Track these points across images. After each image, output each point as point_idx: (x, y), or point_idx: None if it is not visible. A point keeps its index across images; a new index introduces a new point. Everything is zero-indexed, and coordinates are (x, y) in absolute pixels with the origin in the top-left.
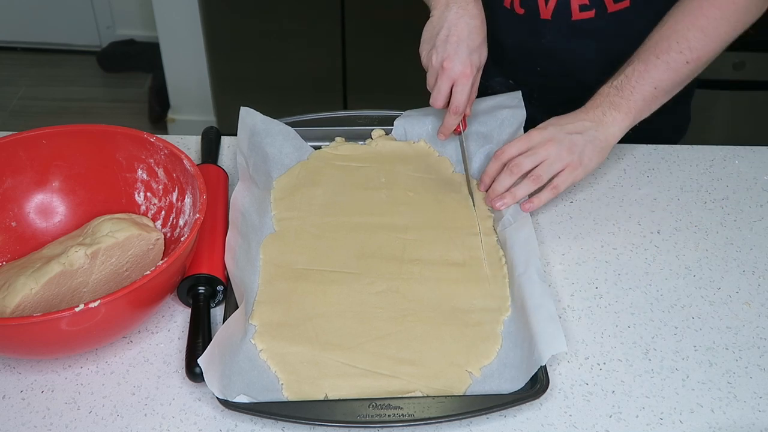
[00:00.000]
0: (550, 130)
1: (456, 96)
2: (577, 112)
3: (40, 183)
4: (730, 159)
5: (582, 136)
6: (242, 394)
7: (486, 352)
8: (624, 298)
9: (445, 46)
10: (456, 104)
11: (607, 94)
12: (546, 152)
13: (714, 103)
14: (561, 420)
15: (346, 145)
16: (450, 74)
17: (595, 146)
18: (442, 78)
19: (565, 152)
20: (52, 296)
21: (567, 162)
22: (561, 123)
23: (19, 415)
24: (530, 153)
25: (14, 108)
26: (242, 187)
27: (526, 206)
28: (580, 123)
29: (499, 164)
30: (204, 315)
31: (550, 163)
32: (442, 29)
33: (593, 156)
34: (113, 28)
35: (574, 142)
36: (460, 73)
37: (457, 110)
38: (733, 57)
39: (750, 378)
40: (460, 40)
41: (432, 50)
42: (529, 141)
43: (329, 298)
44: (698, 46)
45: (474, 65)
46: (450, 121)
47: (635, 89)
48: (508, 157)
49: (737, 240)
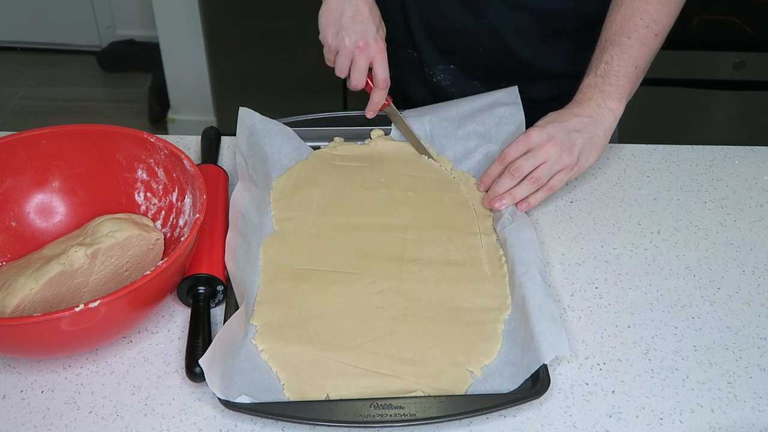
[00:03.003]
0: (549, 129)
1: (380, 71)
2: (572, 107)
3: (40, 183)
4: (730, 159)
5: (581, 134)
6: (243, 395)
7: (487, 352)
8: (624, 298)
9: (355, 26)
10: (383, 79)
11: (594, 85)
12: (546, 154)
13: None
14: (561, 420)
15: (345, 145)
16: (368, 52)
17: (594, 144)
18: (360, 57)
19: (566, 154)
20: (52, 296)
21: (566, 163)
22: (560, 120)
23: (19, 415)
24: (531, 155)
25: (14, 108)
26: (242, 187)
27: (522, 206)
28: (579, 120)
29: (501, 167)
30: (204, 315)
31: (550, 165)
32: (345, 10)
33: (590, 155)
34: (113, 28)
35: (574, 141)
36: (377, 50)
37: (385, 84)
38: (733, 57)
39: (750, 378)
40: (366, 18)
41: (341, 32)
42: (529, 142)
43: (330, 298)
44: (660, 18)
45: (383, 40)
46: (378, 97)
47: (620, 73)
48: (511, 159)
49: (737, 240)
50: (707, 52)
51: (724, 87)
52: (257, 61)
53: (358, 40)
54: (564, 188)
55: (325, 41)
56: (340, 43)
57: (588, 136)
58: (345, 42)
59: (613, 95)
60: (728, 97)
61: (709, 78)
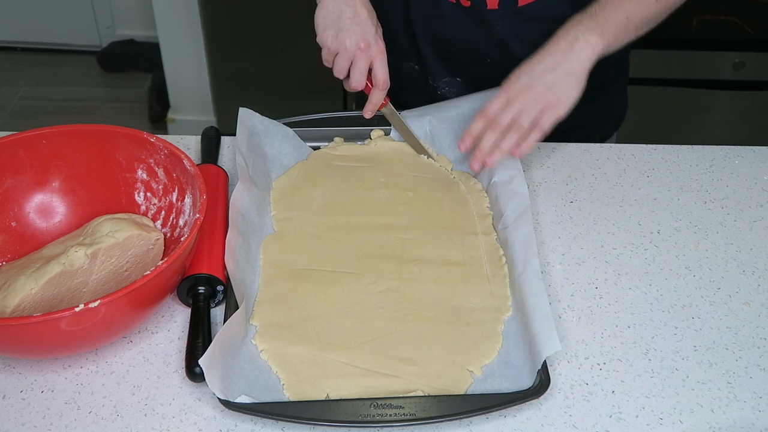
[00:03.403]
0: (523, 79)
1: (380, 72)
2: (546, 46)
3: (40, 183)
4: (730, 159)
5: (555, 72)
6: (243, 395)
7: (487, 351)
8: (624, 298)
9: (354, 27)
10: (383, 79)
11: (580, 21)
12: (521, 103)
13: (714, 103)
14: (561, 420)
15: (345, 145)
16: (369, 53)
17: (570, 78)
18: (360, 58)
19: (541, 95)
20: (52, 296)
21: (544, 103)
22: (531, 66)
23: (19, 415)
24: (509, 107)
25: (14, 108)
26: (242, 187)
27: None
28: (550, 59)
29: (483, 123)
30: (204, 315)
31: (527, 111)
32: (344, 12)
33: (570, 89)
34: (113, 28)
35: (548, 81)
36: (378, 50)
37: (385, 85)
38: (733, 57)
39: (750, 378)
40: (365, 20)
41: (341, 33)
42: (507, 94)
43: (330, 298)
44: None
45: (383, 40)
46: (377, 98)
47: (609, 17)
48: (492, 114)
49: (737, 240)
50: (707, 52)
51: (724, 87)
52: (257, 61)
53: (359, 42)
54: (564, 188)
55: (324, 43)
56: (341, 45)
57: (562, 72)
58: (345, 43)
59: (595, 31)
60: (728, 97)
61: (709, 78)
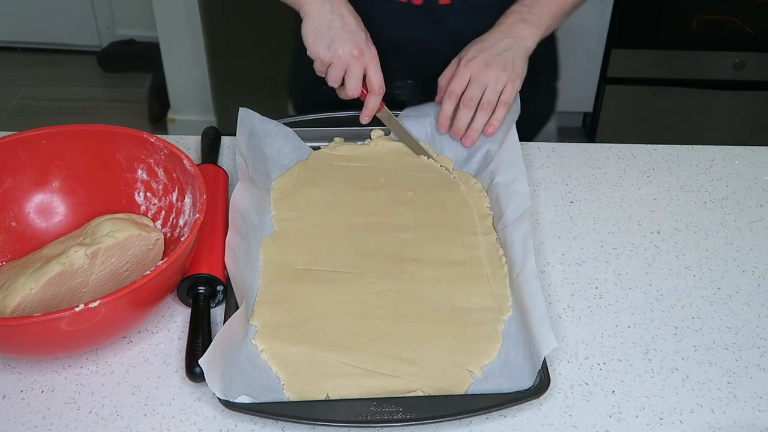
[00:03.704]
0: (481, 56)
1: (374, 77)
2: (493, 32)
3: (40, 183)
4: (730, 159)
5: (510, 51)
6: (243, 395)
7: (487, 351)
8: (624, 298)
9: (346, 36)
10: (379, 84)
11: (519, 12)
12: (487, 78)
13: (714, 103)
14: (561, 420)
15: (345, 145)
16: (362, 60)
17: (521, 58)
18: (355, 66)
19: (502, 72)
20: (52, 296)
21: (506, 79)
22: (486, 46)
23: (19, 415)
24: (475, 83)
25: (14, 108)
26: (242, 187)
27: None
28: (503, 42)
29: (453, 102)
30: (204, 315)
31: (494, 86)
32: (333, 22)
33: (522, 66)
34: (113, 28)
35: (506, 59)
36: (371, 56)
37: (381, 90)
38: (733, 57)
39: (750, 378)
40: (354, 28)
41: (333, 43)
42: (470, 71)
43: (330, 299)
44: None
45: (373, 45)
46: (374, 103)
47: (543, 8)
48: (459, 92)
49: (737, 240)
50: (707, 52)
51: (724, 87)
52: (257, 61)
53: (352, 49)
54: (564, 188)
55: (317, 56)
56: (334, 55)
57: (515, 53)
58: (338, 53)
59: (534, 24)
60: (728, 97)
61: (709, 78)
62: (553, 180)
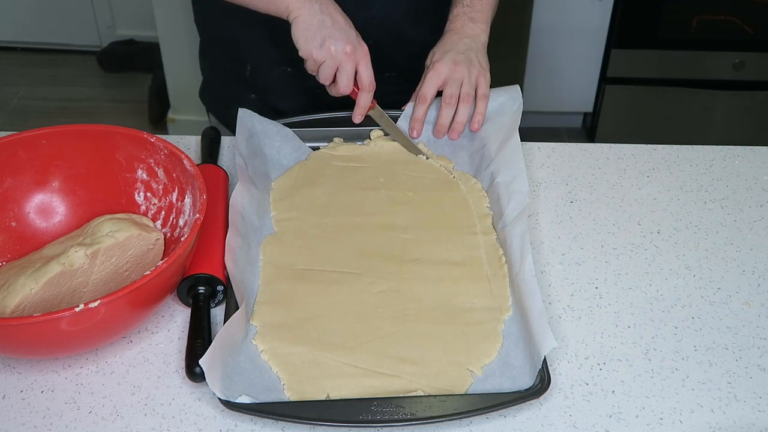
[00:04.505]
0: (447, 57)
1: (365, 74)
2: (449, 35)
3: (40, 183)
4: (730, 159)
5: (472, 49)
6: (244, 395)
7: (487, 351)
8: (624, 298)
9: (338, 34)
10: (369, 81)
11: (463, 14)
12: (460, 75)
13: (714, 103)
14: (561, 420)
15: (345, 145)
16: (354, 57)
17: (482, 54)
18: (347, 63)
19: (471, 68)
20: (52, 296)
21: (477, 73)
22: (448, 48)
23: (19, 415)
24: (450, 82)
25: (14, 108)
26: (241, 188)
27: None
28: (463, 42)
29: (425, 106)
30: (204, 315)
31: (468, 82)
32: (324, 21)
33: (485, 60)
34: (113, 28)
35: (470, 58)
36: (362, 53)
37: (372, 87)
38: (733, 57)
39: (750, 378)
40: (345, 26)
41: (325, 42)
42: (440, 74)
43: (330, 299)
44: None
45: (364, 42)
46: (365, 100)
47: (483, 3)
48: (430, 97)
49: (737, 240)
50: (707, 52)
51: (724, 87)
52: None
53: (344, 47)
54: (564, 188)
55: (310, 55)
56: (327, 53)
57: (476, 50)
58: (331, 51)
59: (480, 20)
60: (728, 97)
61: (709, 78)
62: (553, 180)
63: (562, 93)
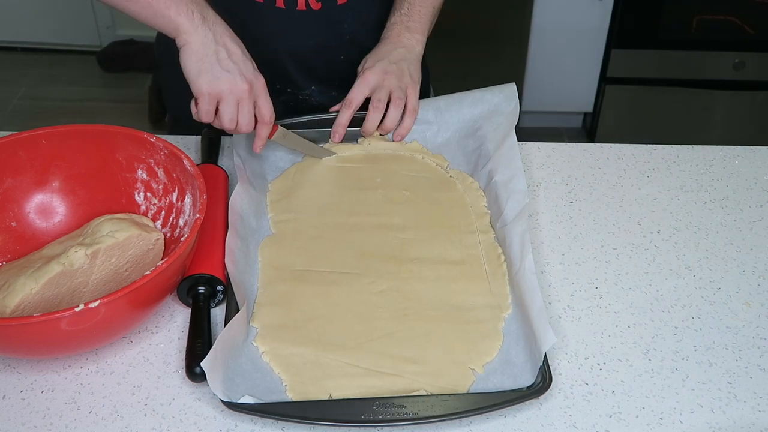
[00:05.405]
0: (378, 66)
1: (265, 107)
2: (384, 43)
3: (40, 183)
4: (730, 159)
5: (405, 60)
6: (247, 395)
7: (487, 349)
8: (624, 298)
9: (234, 67)
10: (269, 114)
11: (400, 23)
12: (390, 84)
13: (714, 103)
14: (561, 420)
15: (340, 145)
16: (254, 92)
17: (416, 66)
18: (246, 101)
19: (401, 77)
20: (52, 296)
21: (406, 85)
22: (381, 57)
23: (19, 415)
24: (379, 88)
25: (14, 108)
26: (240, 189)
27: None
28: (397, 52)
29: (350, 113)
30: (204, 315)
31: (396, 90)
32: (218, 53)
33: (417, 72)
34: (113, 28)
35: (402, 69)
36: (260, 86)
37: (272, 119)
38: (733, 57)
39: (750, 378)
40: (240, 57)
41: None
42: (369, 82)
43: (330, 299)
44: None
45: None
46: (265, 132)
47: (421, 12)
48: (358, 103)
49: (737, 240)
50: (707, 52)
51: (724, 87)
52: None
53: (242, 83)
54: (564, 188)
55: (200, 91)
56: (224, 89)
57: (410, 61)
58: (229, 87)
59: (417, 30)
60: (728, 97)
61: (709, 78)
62: (553, 180)
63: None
